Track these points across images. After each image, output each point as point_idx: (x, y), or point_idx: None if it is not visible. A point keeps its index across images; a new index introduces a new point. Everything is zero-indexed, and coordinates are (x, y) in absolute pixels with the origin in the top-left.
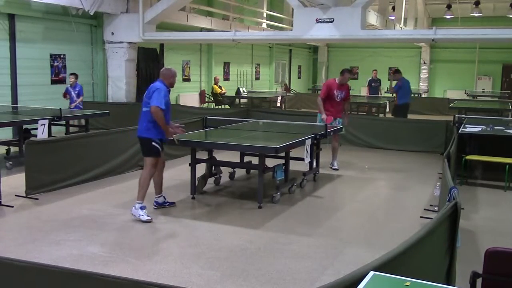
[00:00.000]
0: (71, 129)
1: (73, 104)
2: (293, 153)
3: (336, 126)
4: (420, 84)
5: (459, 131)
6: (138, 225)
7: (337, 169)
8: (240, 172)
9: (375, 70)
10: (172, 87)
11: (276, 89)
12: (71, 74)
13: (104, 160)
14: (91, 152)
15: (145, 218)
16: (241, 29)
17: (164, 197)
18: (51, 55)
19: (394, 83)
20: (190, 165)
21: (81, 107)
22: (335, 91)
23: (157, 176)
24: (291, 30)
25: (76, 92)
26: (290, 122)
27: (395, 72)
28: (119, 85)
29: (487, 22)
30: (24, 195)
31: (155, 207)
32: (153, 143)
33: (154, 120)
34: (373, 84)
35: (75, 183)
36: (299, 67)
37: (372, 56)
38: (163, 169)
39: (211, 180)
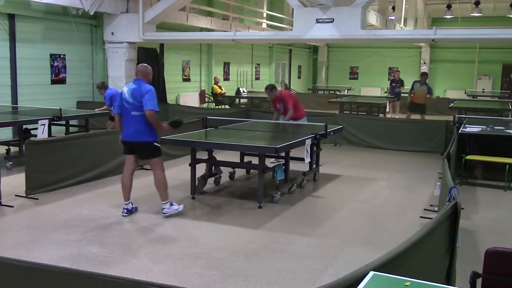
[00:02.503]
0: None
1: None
2: (293, 153)
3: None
4: None
5: (459, 131)
6: (138, 225)
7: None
8: (240, 172)
9: (398, 71)
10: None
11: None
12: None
13: (104, 160)
14: (91, 152)
15: (181, 208)
16: (241, 29)
17: (132, 203)
18: (51, 55)
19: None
20: (190, 165)
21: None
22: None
23: (128, 179)
24: (291, 30)
25: (104, 97)
26: (290, 122)
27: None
28: (119, 85)
29: (487, 22)
30: (24, 195)
31: (126, 215)
32: (155, 143)
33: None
34: (393, 84)
35: (75, 183)
36: (299, 67)
37: (372, 56)
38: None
39: (211, 180)
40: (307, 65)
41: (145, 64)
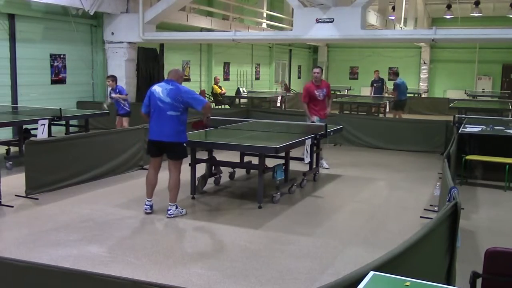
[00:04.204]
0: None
1: (115, 96)
2: (293, 153)
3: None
4: (420, 84)
5: (459, 131)
6: (138, 225)
7: (327, 168)
8: (240, 172)
9: (377, 70)
10: None
11: (276, 89)
12: (108, 77)
13: (104, 160)
14: (91, 152)
15: (184, 212)
16: (241, 29)
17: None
18: (51, 55)
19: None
20: (190, 165)
21: (122, 104)
22: (315, 91)
23: (155, 178)
24: (291, 30)
25: (117, 92)
26: (290, 122)
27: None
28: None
29: (487, 22)
30: (24, 195)
31: (150, 212)
32: (185, 144)
33: (184, 123)
34: (375, 84)
35: (75, 183)
36: (299, 67)
37: (372, 56)
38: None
39: (211, 180)
40: (307, 65)
41: (177, 68)
